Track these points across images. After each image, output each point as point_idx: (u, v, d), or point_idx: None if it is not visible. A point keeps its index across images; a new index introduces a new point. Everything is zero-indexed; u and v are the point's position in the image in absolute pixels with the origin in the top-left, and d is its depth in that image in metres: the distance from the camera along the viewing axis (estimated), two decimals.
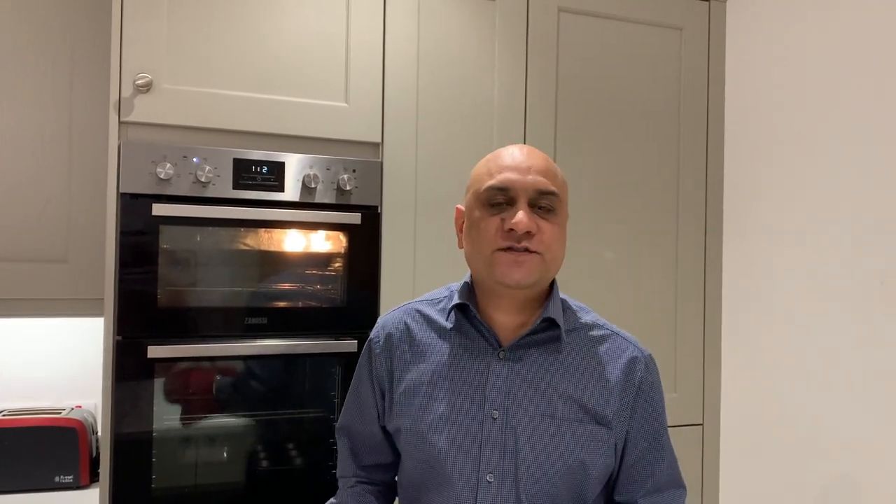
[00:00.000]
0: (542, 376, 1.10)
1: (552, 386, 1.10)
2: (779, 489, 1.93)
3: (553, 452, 1.07)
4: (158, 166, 1.55)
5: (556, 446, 1.08)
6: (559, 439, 1.08)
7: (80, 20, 1.78)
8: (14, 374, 2.01)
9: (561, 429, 1.08)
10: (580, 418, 1.09)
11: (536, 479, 1.07)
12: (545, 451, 1.07)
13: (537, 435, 1.08)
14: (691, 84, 2.09)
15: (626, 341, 1.17)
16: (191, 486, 1.61)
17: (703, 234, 2.10)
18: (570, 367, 1.11)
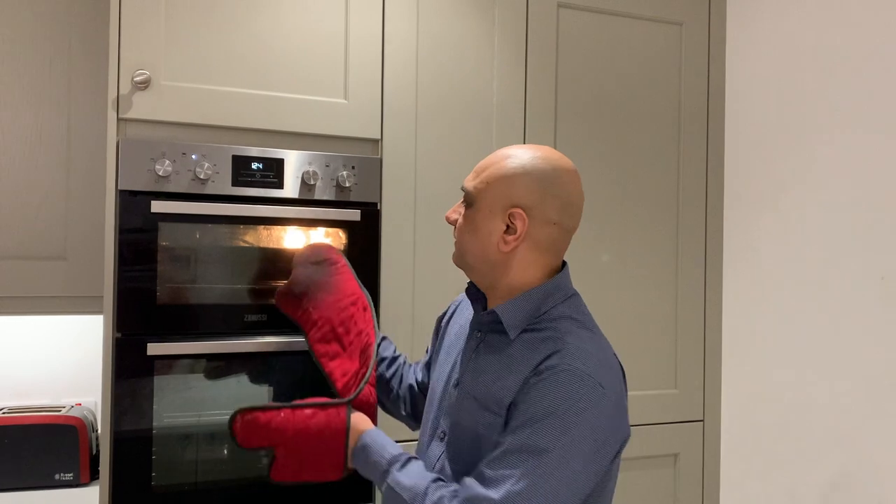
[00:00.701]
0: (486, 360, 1.20)
1: (485, 370, 1.18)
2: (780, 486, 1.93)
3: (462, 427, 1.19)
4: (157, 163, 1.55)
5: (465, 422, 1.19)
6: (468, 416, 1.18)
7: (78, 17, 1.78)
8: (14, 371, 2.01)
9: (471, 408, 1.18)
10: (485, 404, 1.15)
11: (454, 446, 1.21)
12: (458, 424, 1.20)
13: (461, 410, 1.20)
14: (691, 80, 2.09)
15: (561, 341, 1.12)
16: (191, 484, 1.61)
17: (704, 231, 2.10)
18: (504, 357, 1.16)
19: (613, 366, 1.14)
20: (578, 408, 1.04)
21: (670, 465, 2.05)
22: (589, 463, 1.05)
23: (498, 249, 1.16)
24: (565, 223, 1.17)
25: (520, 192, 1.14)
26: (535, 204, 1.14)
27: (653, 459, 2.03)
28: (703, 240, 2.10)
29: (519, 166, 1.15)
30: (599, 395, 1.06)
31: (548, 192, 1.14)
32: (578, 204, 1.19)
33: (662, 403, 2.04)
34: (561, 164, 1.17)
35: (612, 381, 1.10)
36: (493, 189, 1.15)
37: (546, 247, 1.17)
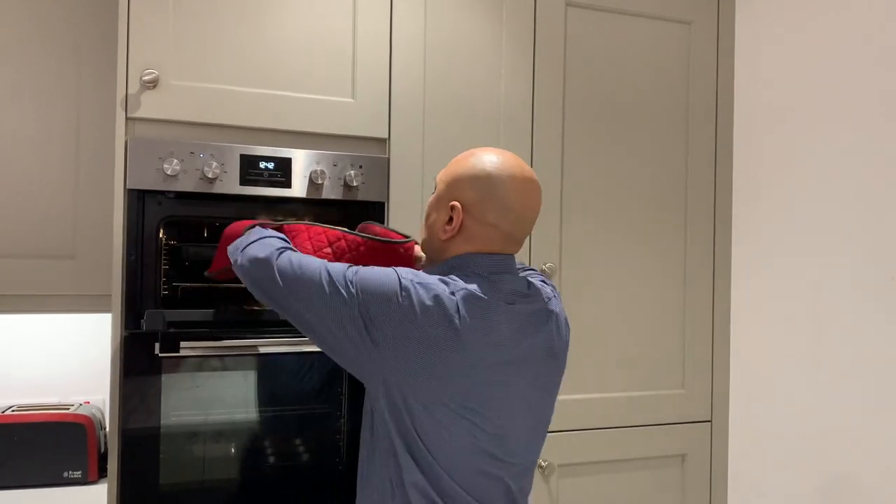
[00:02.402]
0: None
1: None
2: (787, 486, 1.92)
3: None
4: (165, 162, 1.55)
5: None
6: None
7: (87, 17, 1.78)
8: (22, 370, 2.02)
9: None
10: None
11: None
12: None
13: None
14: (700, 79, 2.08)
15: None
16: (198, 482, 1.62)
17: (713, 231, 2.09)
18: None
19: (433, 285, 1.19)
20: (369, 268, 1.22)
21: (678, 466, 2.04)
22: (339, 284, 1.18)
23: (438, 237, 1.28)
24: (504, 227, 1.24)
25: (464, 190, 1.24)
26: (474, 203, 1.23)
27: (660, 460, 2.02)
28: (711, 240, 2.09)
29: (471, 167, 1.25)
30: (391, 274, 1.19)
31: (489, 196, 1.23)
32: (520, 212, 1.25)
33: (670, 404, 2.03)
34: (512, 173, 1.24)
35: (411, 278, 1.19)
36: (447, 183, 1.27)
37: (480, 243, 1.25)
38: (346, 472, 1.70)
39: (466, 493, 1.21)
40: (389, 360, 1.16)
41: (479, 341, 1.17)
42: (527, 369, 1.24)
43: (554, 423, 1.88)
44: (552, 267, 1.88)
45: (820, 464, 1.84)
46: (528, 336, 1.24)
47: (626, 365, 1.99)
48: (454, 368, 1.16)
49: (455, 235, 1.25)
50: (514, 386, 1.23)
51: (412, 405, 1.17)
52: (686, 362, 2.06)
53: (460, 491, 1.20)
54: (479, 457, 1.21)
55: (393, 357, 1.16)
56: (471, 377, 1.18)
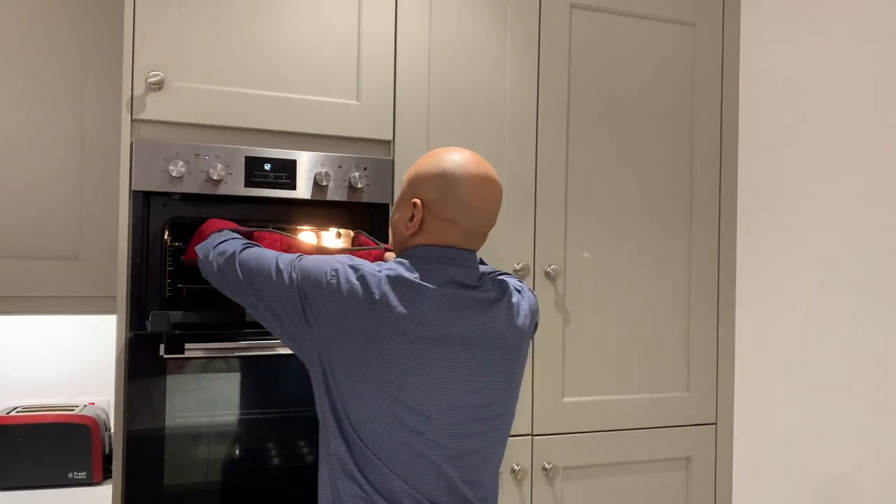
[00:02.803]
0: None
1: None
2: (793, 489, 1.92)
3: None
4: (170, 164, 1.55)
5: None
6: None
7: (92, 18, 1.79)
8: (27, 371, 2.02)
9: None
10: None
11: None
12: None
13: None
14: (705, 80, 2.08)
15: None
16: (202, 483, 1.62)
17: (717, 233, 2.09)
18: None
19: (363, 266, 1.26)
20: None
21: (682, 469, 2.04)
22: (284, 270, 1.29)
23: (402, 233, 1.33)
24: (462, 222, 1.28)
25: (423, 188, 1.29)
26: (434, 200, 1.28)
27: (665, 462, 2.02)
28: (716, 242, 2.09)
29: (431, 166, 1.30)
30: (327, 260, 1.28)
31: (447, 193, 1.27)
32: (479, 208, 1.29)
33: (674, 406, 2.03)
34: (470, 171, 1.28)
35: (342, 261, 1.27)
36: (408, 182, 1.33)
37: (439, 238, 1.29)
38: None
39: (388, 469, 1.23)
40: (320, 337, 1.24)
41: (396, 314, 1.22)
42: (464, 352, 1.25)
43: (559, 426, 1.90)
44: (556, 269, 1.88)
45: (825, 467, 1.83)
46: (465, 320, 1.26)
47: (630, 367, 1.99)
48: (372, 340, 1.21)
49: (416, 232, 1.30)
50: (443, 365, 1.24)
51: (339, 378, 1.24)
52: (691, 365, 2.05)
53: (380, 465, 1.23)
54: (401, 431, 1.23)
55: (322, 333, 1.24)
56: (389, 350, 1.22)
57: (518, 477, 1.84)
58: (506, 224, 1.86)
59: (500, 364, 1.30)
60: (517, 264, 1.85)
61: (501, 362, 1.30)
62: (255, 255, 1.35)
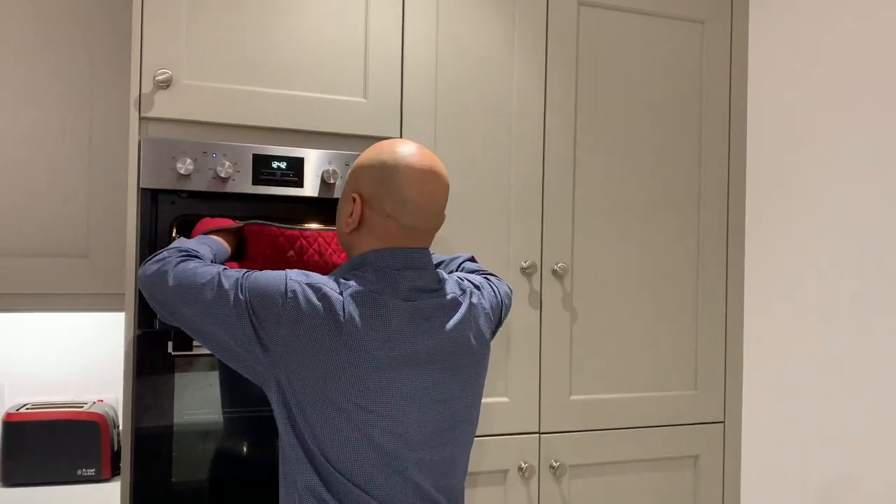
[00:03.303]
0: None
1: None
2: (801, 488, 1.91)
3: None
4: (178, 162, 1.56)
5: None
6: None
7: (100, 17, 1.79)
8: (36, 368, 2.03)
9: None
10: None
11: None
12: None
13: None
14: (713, 78, 2.07)
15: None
16: (210, 480, 1.62)
17: (725, 231, 2.08)
18: None
19: (322, 285, 1.19)
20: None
21: (690, 467, 2.03)
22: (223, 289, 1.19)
23: (343, 231, 1.29)
24: (403, 219, 1.22)
25: (362, 182, 1.25)
26: (372, 194, 1.23)
27: (672, 461, 2.01)
28: (724, 240, 2.08)
29: (370, 158, 1.25)
30: (280, 277, 1.20)
31: (385, 186, 1.22)
32: (418, 202, 1.22)
33: (682, 404, 2.02)
34: (410, 163, 1.22)
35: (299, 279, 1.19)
36: (351, 175, 1.28)
37: (382, 236, 1.24)
38: None
39: (365, 493, 1.18)
40: (279, 362, 1.16)
41: (366, 337, 1.16)
42: (430, 364, 1.22)
43: (566, 424, 1.89)
44: (564, 267, 1.88)
45: (834, 466, 1.82)
46: (431, 331, 1.22)
47: (638, 365, 1.98)
48: (342, 366, 1.15)
49: (356, 228, 1.25)
50: (415, 381, 1.20)
51: (304, 405, 1.16)
52: (699, 363, 2.05)
53: (357, 490, 1.18)
54: (375, 454, 1.19)
55: (282, 359, 1.16)
56: (359, 374, 1.16)
57: (525, 475, 1.84)
58: (513, 222, 1.85)
59: (463, 371, 1.26)
60: (524, 262, 1.85)
61: (465, 369, 1.27)
62: (191, 269, 1.23)
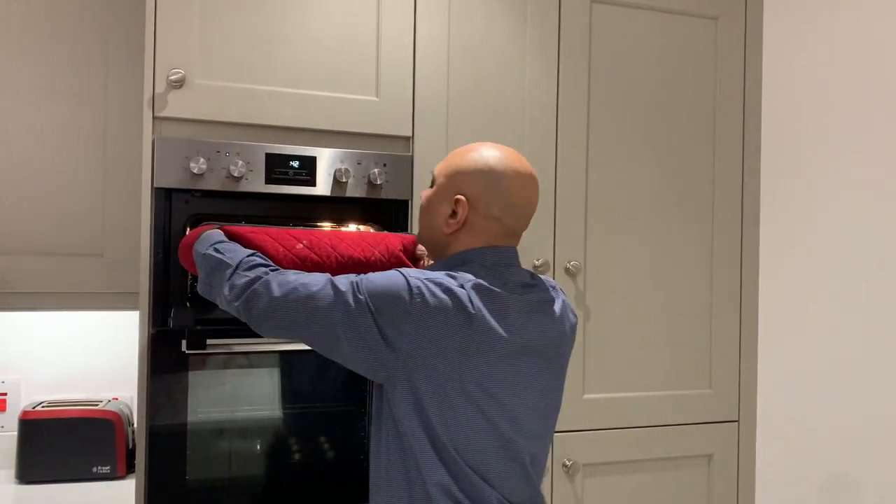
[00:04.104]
0: None
1: None
2: (816, 487, 1.89)
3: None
4: (192, 161, 1.56)
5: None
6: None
7: (114, 18, 1.80)
8: (52, 366, 2.05)
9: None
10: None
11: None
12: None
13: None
14: (727, 74, 2.05)
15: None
16: (224, 478, 1.63)
17: (740, 229, 2.06)
18: None
19: (442, 280, 1.20)
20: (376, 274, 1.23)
21: (704, 466, 2.02)
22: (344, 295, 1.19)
23: (441, 230, 1.29)
24: (506, 221, 1.27)
25: (468, 184, 1.26)
26: (479, 197, 1.25)
27: (687, 460, 2.00)
28: (738, 238, 2.06)
29: (475, 161, 1.27)
30: (396, 275, 1.20)
31: (493, 190, 1.25)
32: (522, 206, 1.28)
33: (697, 403, 2.01)
34: (516, 168, 1.27)
35: (418, 276, 1.20)
36: (449, 177, 1.28)
37: (484, 237, 1.27)
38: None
39: (489, 485, 1.21)
40: (408, 358, 1.17)
41: (491, 328, 1.19)
42: (537, 354, 1.26)
43: (579, 422, 1.89)
44: (577, 265, 1.87)
45: (849, 465, 1.81)
46: (538, 322, 1.26)
47: (652, 364, 1.97)
48: (472, 356, 1.18)
49: (459, 229, 1.27)
50: (526, 371, 1.25)
51: (436, 398, 1.18)
52: (713, 362, 2.04)
53: (482, 483, 1.21)
54: (498, 443, 1.22)
55: (412, 355, 1.17)
56: (488, 363, 1.19)
57: None
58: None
59: (558, 363, 1.31)
60: (537, 260, 1.85)
61: (560, 360, 1.32)
62: (293, 279, 1.24)
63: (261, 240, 1.39)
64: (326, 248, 1.43)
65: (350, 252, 1.46)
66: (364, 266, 1.43)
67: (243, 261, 1.29)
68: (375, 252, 1.46)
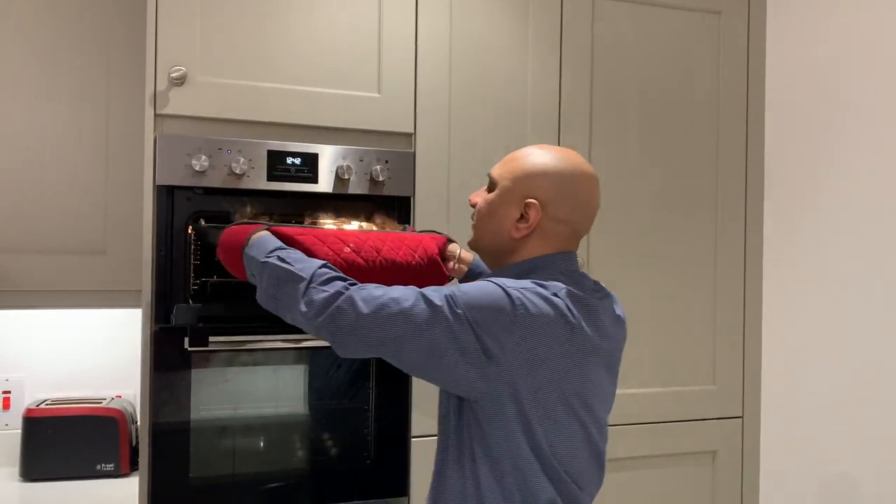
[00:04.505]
0: None
1: None
2: (820, 483, 1.89)
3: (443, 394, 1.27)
4: (193, 158, 1.56)
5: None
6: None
7: (116, 15, 1.80)
8: (55, 364, 2.05)
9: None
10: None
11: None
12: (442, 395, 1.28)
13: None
14: (730, 70, 2.04)
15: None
16: (228, 476, 1.63)
17: (743, 226, 2.06)
18: None
19: (536, 290, 1.16)
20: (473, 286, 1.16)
21: (709, 463, 2.02)
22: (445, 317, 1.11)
23: (510, 235, 1.23)
24: (575, 224, 1.24)
25: (538, 187, 1.21)
26: (550, 200, 1.21)
27: (691, 456, 2.00)
28: (742, 234, 2.06)
29: (544, 163, 1.23)
30: (493, 287, 1.14)
31: (564, 192, 1.22)
32: (592, 208, 1.26)
33: (701, 400, 2.01)
34: (582, 169, 1.24)
35: (514, 287, 1.14)
36: (516, 180, 1.23)
37: (553, 241, 1.23)
38: (374, 467, 1.70)
39: (583, 494, 1.20)
40: (512, 371, 1.12)
41: (588, 336, 1.18)
42: (611, 359, 1.26)
43: None
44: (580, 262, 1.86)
45: (853, 460, 1.80)
46: (615, 328, 1.26)
47: (656, 361, 1.97)
48: (573, 365, 1.16)
49: (528, 234, 1.22)
50: (606, 375, 1.24)
51: (538, 413, 1.14)
52: (717, 358, 2.03)
53: (580, 494, 1.19)
54: (589, 451, 1.21)
55: (516, 367, 1.12)
56: (583, 372, 1.18)
57: None
58: None
59: (618, 364, 1.31)
60: None
61: (619, 362, 1.31)
62: (380, 294, 1.14)
63: (310, 242, 1.33)
64: (371, 251, 1.38)
65: (393, 256, 1.40)
66: (406, 271, 1.39)
67: (317, 273, 1.19)
68: (416, 256, 1.41)
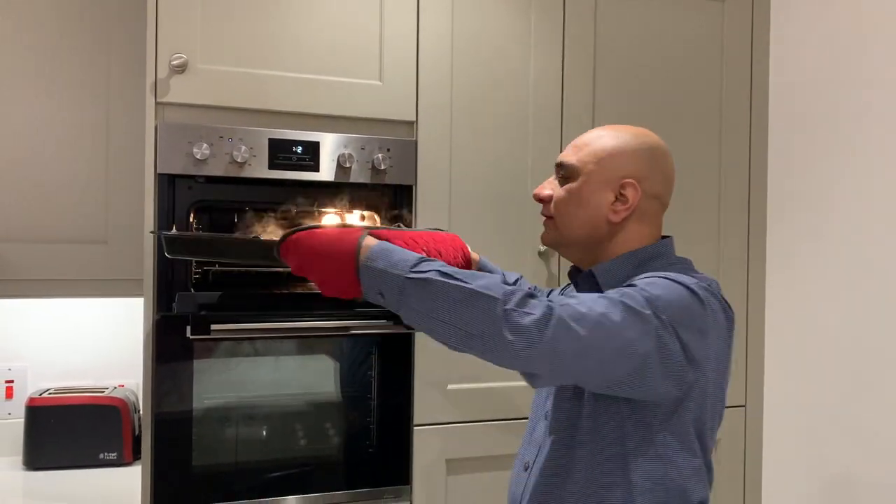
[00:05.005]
0: None
1: None
2: (823, 472, 1.89)
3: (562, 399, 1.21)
4: (195, 147, 1.56)
5: (566, 392, 1.20)
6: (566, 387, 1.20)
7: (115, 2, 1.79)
8: (58, 353, 2.05)
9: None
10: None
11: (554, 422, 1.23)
12: (559, 399, 1.21)
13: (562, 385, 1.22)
14: (734, 60, 2.03)
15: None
16: (230, 464, 1.63)
17: (747, 218, 2.05)
18: None
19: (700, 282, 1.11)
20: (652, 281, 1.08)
21: None
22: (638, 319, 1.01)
23: (607, 220, 1.16)
24: (664, 198, 1.20)
25: (631, 165, 1.16)
26: (645, 176, 1.16)
27: None
28: (745, 226, 2.04)
29: (626, 141, 1.18)
30: (677, 286, 1.06)
31: (655, 166, 1.17)
32: (673, 181, 1.22)
33: None
34: (660, 142, 1.21)
35: (691, 283, 1.08)
36: (602, 161, 1.17)
37: (649, 220, 1.19)
38: (376, 455, 1.70)
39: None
40: (705, 374, 1.07)
41: (735, 328, 1.16)
42: None
43: None
44: None
45: (856, 448, 1.80)
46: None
47: None
48: (730, 357, 1.15)
49: (629, 215, 1.16)
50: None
51: (710, 412, 1.11)
52: None
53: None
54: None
55: (709, 370, 1.08)
56: (728, 366, 1.15)
57: None
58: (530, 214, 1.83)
59: None
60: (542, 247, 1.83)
61: None
62: (574, 306, 1.00)
63: (410, 246, 1.18)
64: (434, 253, 1.27)
65: (448, 258, 1.30)
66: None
67: (506, 291, 0.99)
68: (459, 257, 1.35)
